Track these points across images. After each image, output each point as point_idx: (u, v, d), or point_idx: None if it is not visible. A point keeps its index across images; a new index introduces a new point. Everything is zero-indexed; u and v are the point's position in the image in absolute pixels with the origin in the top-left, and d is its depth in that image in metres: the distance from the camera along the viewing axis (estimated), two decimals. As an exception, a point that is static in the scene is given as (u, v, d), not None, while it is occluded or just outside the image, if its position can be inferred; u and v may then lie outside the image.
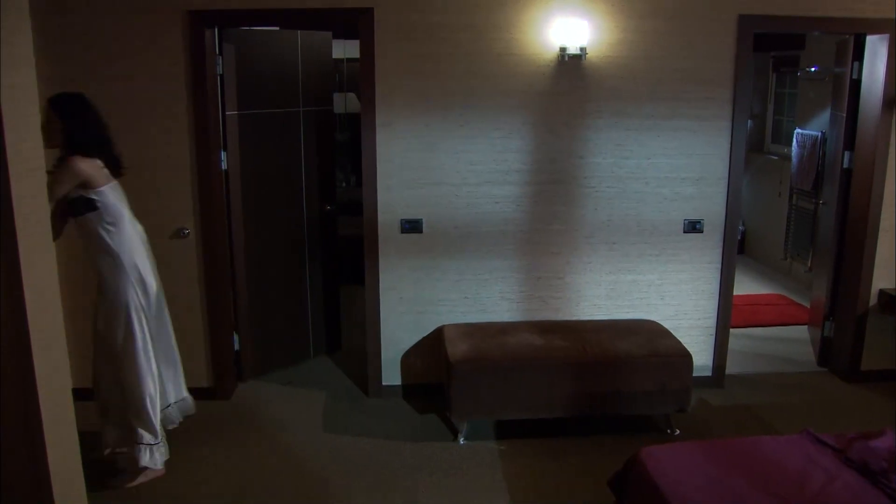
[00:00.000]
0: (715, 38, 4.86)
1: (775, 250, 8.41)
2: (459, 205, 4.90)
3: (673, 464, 3.36)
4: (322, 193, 5.69)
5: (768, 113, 9.02)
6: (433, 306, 5.04)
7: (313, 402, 5.13)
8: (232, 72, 4.94)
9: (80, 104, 3.90)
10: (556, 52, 4.74)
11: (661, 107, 4.91)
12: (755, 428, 4.79)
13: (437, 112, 4.78)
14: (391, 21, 4.67)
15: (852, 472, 3.33)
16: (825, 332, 5.77)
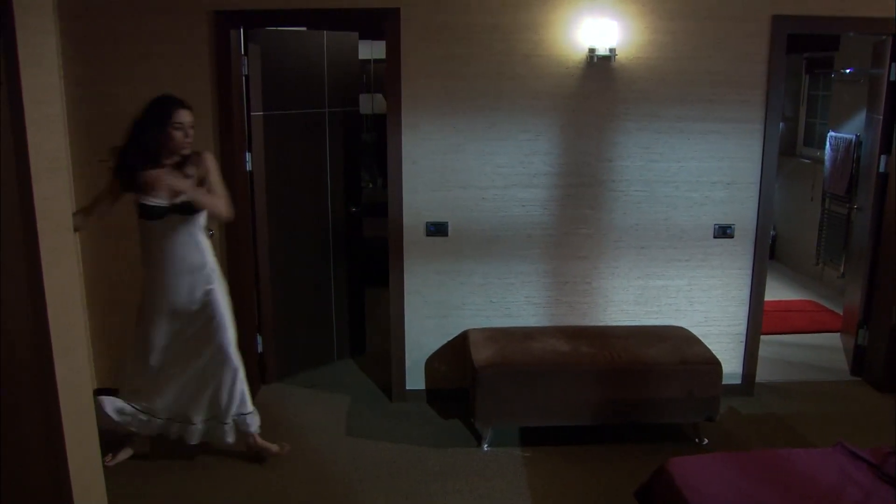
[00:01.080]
0: (747, 40, 4.77)
1: (807, 256, 8.27)
2: (486, 208, 4.85)
3: (701, 476, 3.28)
4: (347, 195, 5.65)
5: (800, 115, 8.87)
6: (458, 310, 4.99)
7: (337, 406, 5.09)
8: (257, 72, 4.92)
9: None
10: (585, 54, 4.67)
11: (691, 109, 4.82)
12: (786, 438, 4.69)
13: (464, 114, 4.73)
14: (417, 21, 4.62)
15: (889, 489, 3.23)
16: (859, 340, 5.65)
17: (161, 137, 3.87)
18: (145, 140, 3.86)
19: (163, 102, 3.89)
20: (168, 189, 3.91)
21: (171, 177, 3.93)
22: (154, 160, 3.90)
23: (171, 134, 3.88)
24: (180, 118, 3.89)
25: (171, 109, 3.87)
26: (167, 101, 3.90)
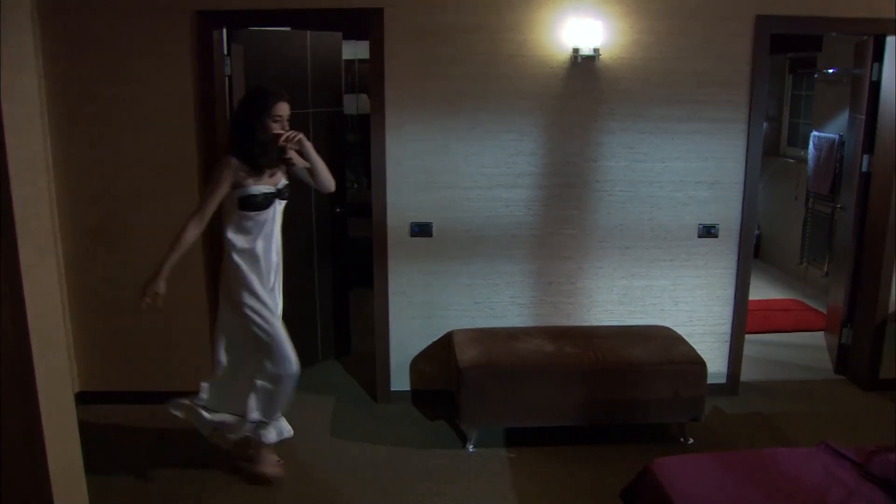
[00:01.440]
0: (731, 40, 4.78)
1: (791, 255, 8.30)
2: (470, 208, 4.83)
3: (686, 476, 3.28)
4: (332, 195, 5.61)
5: (784, 115, 8.90)
6: (443, 311, 4.98)
7: (322, 407, 5.07)
8: (240, 73, 4.88)
9: None
10: (569, 54, 4.66)
11: (675, 109, 4.82)
12: (770, 437, 4.70)
13: (448, 114, 4.72)
14: (401, 22, 4.61)
15: (873, 487, 3.23)
16: (842, 338, 5.67)
17: (262, 128, 3.82)
18: (248, 132, 3.82)
19: (262, 94, 3.86)
20: (269, 175, 3.92)
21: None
22: (264, 149, 3.85)
23: (269, 126, 3.83)
24: (279, 111, 3.84)
25: (270, 102, 3.82)
26: (266, 94, 3.85)
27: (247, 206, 3.86)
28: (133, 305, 4.82)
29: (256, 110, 3.81)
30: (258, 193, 3.85)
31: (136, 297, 3.84)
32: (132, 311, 4.82)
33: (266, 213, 3.92)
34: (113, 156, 4.72)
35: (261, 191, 3.86)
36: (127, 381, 5.01)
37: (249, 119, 3.82)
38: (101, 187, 4.76)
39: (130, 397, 5.01)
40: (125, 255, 4.83)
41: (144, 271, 4.77)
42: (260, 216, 3.90)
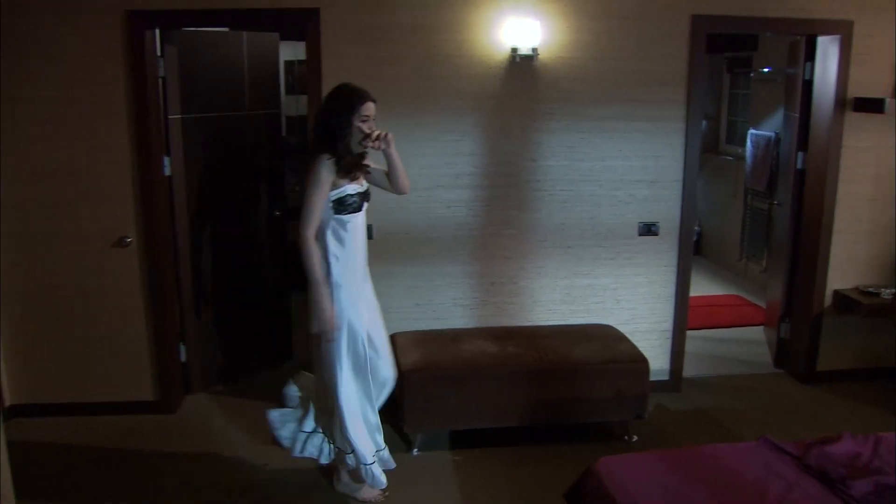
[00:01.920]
0: (668, 39, 4.81)
1: (731, 251, 8.42)
2: (411, 210, 4.79)
3: (629, 475, 3.27)
4: (271, 198, 5.54)
5: (722, 114, 9.03)
6: (385, 314, 4.83)
7: (262, 415, 4.91)
8: (174, 74, 4.78)
9: None
10: (508, 53, 4.65)
11: (614, 108, 4.84)
12: (713, 433, 4.74)
13: (387, 115, 4.63)
14: (338, 22, 4.54)
15: (811, 480, 3.27)
16: (781, 333, 5.75)
17: (349, 129, 3.67)
18: (335, 131, 3.66)
19: (349, 94, 3.70)
20: (353, 177, 3.77)
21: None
22: (348, 149, 3.71)
23: (357, 126, 3.67)
24: (367, 111, 3.69)
25: (358, 102, 3.67)
26: (353, 93, 3.70)
27: (342, 209, 3.70)
28: (66, 314, 4.74)
29: (344, 110, 3.66)
30: (353, 193, 3.72)
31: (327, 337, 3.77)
32: (66, 319, 4.74)
33: (359, 216, 3.78)
34: (44, 160, 4.56)
35: (355, 190, 3.73)
36: (61, 392, 4.85)
37: (336, 119, 3.66)
38: (32, 192, 4.60)
39: (66, 409, 4.85)
40: (58, 262, 4.68)
41: (79, 278, 4.69)
42: (354, 219, 3.76)
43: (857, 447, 3.51)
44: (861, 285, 5.38)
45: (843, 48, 5.02)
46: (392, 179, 3.94)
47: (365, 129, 3.67)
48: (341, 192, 3.68)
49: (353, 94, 3.69)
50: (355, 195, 3.71)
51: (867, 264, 5.40)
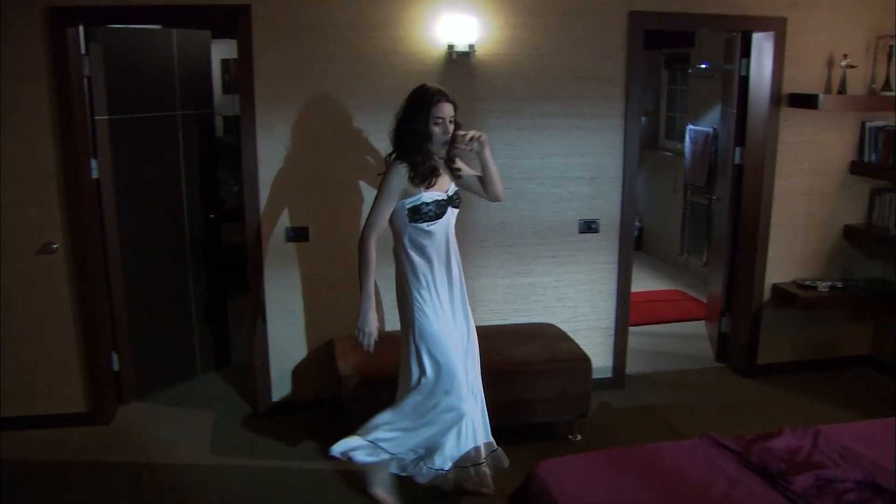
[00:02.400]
0: (606, 36, 4.80)
1: (672, 246, 8.48)
2: (348, 211, 4.69)
3: (572, 478, 3.24)
4: (205, 201, 5.39)
5: (661, 110, 9.09)
6: (323, 317, 4.81)
7: (201, 423, 4.84)
8: (100, 73, 4.61)
9: None
10: (444, 50, 4.58)
11: (553, 105, 4.81)
12: (657, 429, 4.73)
13: (323, 114, 4.56)
14: (270, 19, 4.42)
15: (753, 476, 3.27)
16: (722, 327, 5.79)
17: (424, 134, 3.55)
18: (410, 136, 3.56)
19: (422, 94, 3.56)
20: (441, 182, 3.65)
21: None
22: (426, 156, 3.59)
23: (431, 129, 3.54)
24: (440, 112, 3.53)
25: (432, 103, 3.52)
26: (427, 94, 3.55)
27: (417, 217, 3.57)
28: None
29: (418, 113, 3.53)
30: (430, 201, 3.57)
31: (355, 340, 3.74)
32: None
33: (439, 223, 3.62)
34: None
35: (433, 198, 3.58)
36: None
37: (411, 123, 3.55)
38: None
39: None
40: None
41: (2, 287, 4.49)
42: (434, 227, 3.61)
43: (798, 441, 3.53)
44: (798, 279, 5.43)
45: (777, 45, 5.06)
46: (486, 184, 3.82)
47: (438, 132, 3.54)
48: (416, 200, 3.56)
49: (426, 95, 3.55)
50: (432, 203, 3.56)
51: (804, 258, 5.46)
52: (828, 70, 5.18)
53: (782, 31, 5.04)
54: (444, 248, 3.67)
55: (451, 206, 3.66)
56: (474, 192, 3.89)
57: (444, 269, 3.69)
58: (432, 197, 3.57)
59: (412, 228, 3.60)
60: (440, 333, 3.66)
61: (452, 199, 3.68)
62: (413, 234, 3.61)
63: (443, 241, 3.66)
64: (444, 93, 3.57)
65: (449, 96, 3.57)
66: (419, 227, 3.59)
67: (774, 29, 5.03)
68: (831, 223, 5.45)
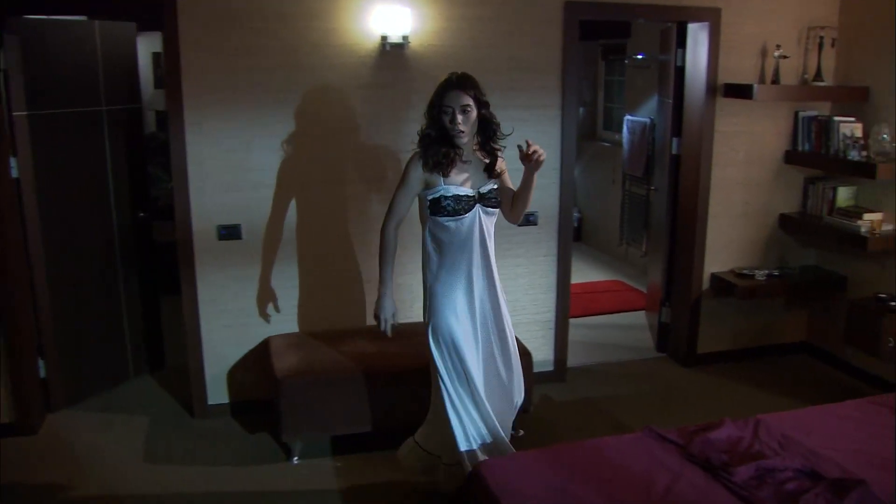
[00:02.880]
0: (542, 26, 4.75)
1: (612, 236, 8.50)
2: (282, 207, 4.56)
3: (514, 476, 3.18)
4: (134, 199, 5.21)
5: (599, 100, 9.11)
6: (259, 317, 4.69)
7: (134, 429, 4.67)
8: (17, 67, 4.39)
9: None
10: (378, 42, 4.48)
11: (490, 97, 4.65)
12: (599, 422, 4.72)
13: (254, 109, 4.43)
14: (196, 10, 4.27)
15: (695, 469, 3.25)
16: (662, 317, 5.81)
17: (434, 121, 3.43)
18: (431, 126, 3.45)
19: (442, 83, 3.43)
20: (469, 179, 3.48)
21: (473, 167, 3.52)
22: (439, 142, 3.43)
23: (440, 119, 3.40)
24: (449, 101, 3.37)
25: (442, 91, 3.39)
26: (442, 82, 3.43)
27: (437, 210, 3.44)
28: None
29: (434, 100, 3.42)
30: (449, 195, 3.42)
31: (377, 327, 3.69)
32: None
33: (463, 222, 3.46)
34: None
35: (451, 192, 3.42)
36: None
37: (428, 109, 3.46)
38: None
39: None
40: None
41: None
42: (457, 224, 3.46)
43: (738, 432, 3.53)
44: (736, 268, 5.47)
45: (712, 35, 5.07)
46: (514, 204, 3.58)
47: (446, 121, 3.39)
48: (436, 193, 3.43)
49: (442, 84, 3.43)
50: (451, 198, 3.41)
51: (741, 247, 5.50)
52: (761, 60, 5.21)
53: (717, 22, 5.05)
54: (466, 250, 3.50)
55: (483, 204, 3.50)
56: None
57: (463, 273, 3.52)
58: (455, 191, 3.43)
59: (432, 221, 3.50)
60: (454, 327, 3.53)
61: (485, 196, 3.50)
62: (433, 227, 3.52)
63: (466, 242, 3.49)
64: (462, 80, 3.41)
65: (465, 83, 3.40)
66: (438, 221, 3.47)
67: (709, 19, 5.04)
68: (767, 212, 5.50)
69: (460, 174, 3.47)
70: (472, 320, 3.55)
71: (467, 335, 3.54)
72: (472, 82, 3.42)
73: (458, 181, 3.45)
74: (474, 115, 3.42)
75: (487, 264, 3.55)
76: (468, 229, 3.47)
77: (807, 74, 5.26)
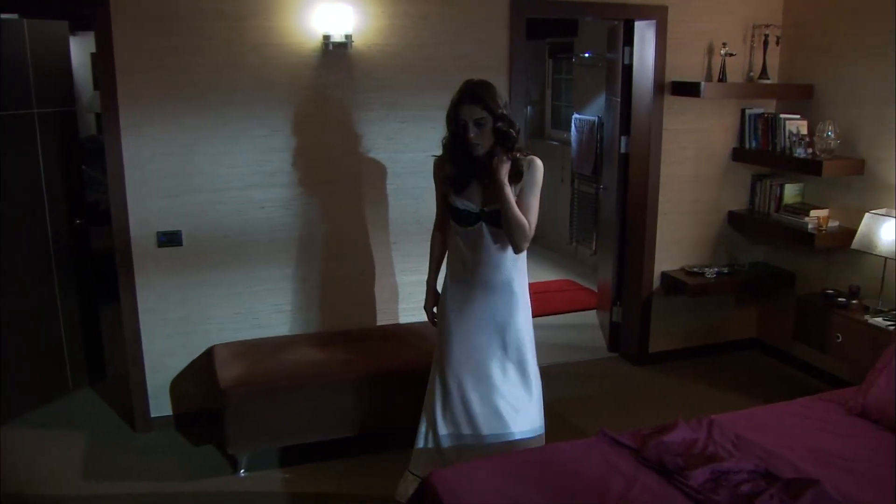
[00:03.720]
0: (488, 24, 4.68)
1: (562, 235, 8.48)
2: (223, 212, 4.43)
3: (466, 486, 3.09)
4: (70, 205, 5.02)
5: (547, 99, 9.08)
6: (201, 325, 4.54)
7: (72, 445, 4.48)
8: (-60, 69, 4.21)
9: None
10: (320, 41, 4.37)
11: (435, 96, 4.62)
12: (552, 425, 4.60)
13: (192, 111, 4.28)
14: (131, 8, 4.11)
15: (650, 473, 3.20)
16: (613, 316, 5.78)
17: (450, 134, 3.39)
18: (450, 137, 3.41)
19: (456, 94, 3.34)
20: (479, 193, 3.40)
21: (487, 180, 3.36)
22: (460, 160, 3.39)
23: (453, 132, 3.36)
24: (464, 115, 3.27)
25: (456, 104, 3.31)
26: (458, 93, 3.34)
27: (453, 216, 3.47)
28: None
29: (448, 113, 3.38)
30: (457, 207, 3.43)
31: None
32: None
33: (468, 234, 3.44)
34: None
35: (458, 205, 3.43)
36: None
37: (447, 122, 3.40)
38: None
39: None
40: None
41: None
42: (464, 233, 3.46)
43: (693, 433, 3.49)
44: (686, 266, 5.47)
45: (658, 33, 5.05)
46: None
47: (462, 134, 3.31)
48: (453, 200, 3.45)
49: (456, 95, 3.35)
50: (458, 210, 3.44)
51: (691, 245, 5.50)
52: (708, 58, 5.21)
53: (664, 20, 5.04)
54: (469, 262, 3.49)
55: (486, 221, 3.41)
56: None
57: (462, 283, 3.54)
58: (459, 204, 3.44)
59: (453, 223, 3.52)
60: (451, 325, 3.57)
61: (485, 214, 3.40)
62: (453, 228, 3.53)
63: (469, 255, 3.48)
64: (475, 92, 3.31)
65: (478, 95, 3.29)
66: (453, 225, 3.50)
67: (656, 17, 5.02)
68: (716, 209, 5.50)
69: (468, 187, 3.44)
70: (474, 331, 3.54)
71: (463, 340, 3.54)
72: (486, 92, 3.31)
73: (465, 193, 3.43)
74: (490, 126, 3.31)
75: (498, 282, 3.49)
76: (473, 245, 3.46)
77: (752, 72, 5.27)
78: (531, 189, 3.42)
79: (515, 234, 3.32)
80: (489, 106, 3.28)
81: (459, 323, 3.53)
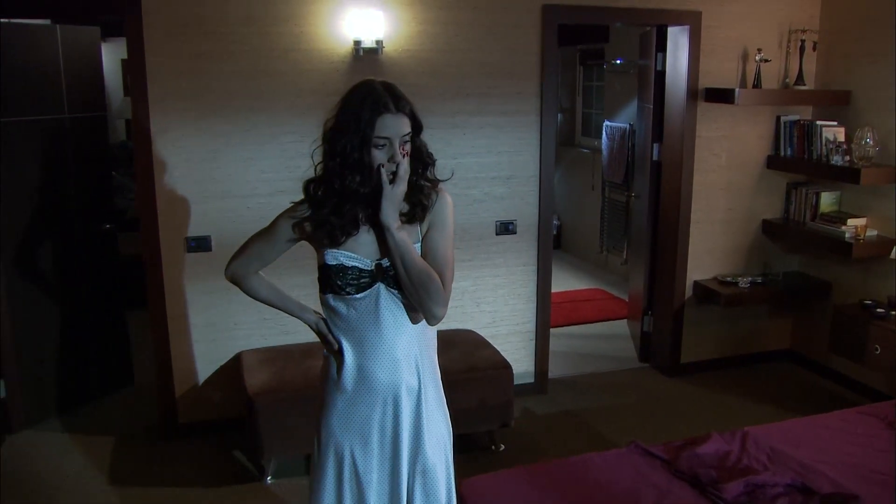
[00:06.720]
0: (519, 31, 4.64)
1: (591, 244, 8.40)
2: (251, 218, 4.39)
3: (495, 496, 3.06)
4: (99, 211, 5.04)
5: (577, 106, 9.01)
6: (229, 331, 4.53)
7: (99, 451, 4.48)
8: (-26, 74, 4.24)
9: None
10: (351, 47, 4.35)
11: (466, 103, 4.62)
12: (582, 436, 4.60)
13: (221, 116, 4.28)
14: (163, 14, 4.12)
15: (683, 485, 3.16)
16: (644, 326, 5.70)
17: (362, 160, 2.26)
18: (337, 166, 2.31)
19: (362, 100, 2.26)
20: (371, 243, 2.37)
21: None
22: (354, 199, 2.32)
23: (373, 156, 2.25)
24: (384, 129, 2.24)
25: (371, 114, 2.23)
26: (367, 100, 2.25)
27: (325, 286, 2.43)
28: None
29: (341, 126, 2.31)
30: (340, 264, 2.38)
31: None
32: None
33: (360, 303, 2.38)
34: None
35: (338, 261, 2.38)
36: None
37: (339, 143, 2.32)
38: None
39: None
40: None
41: None
42: (352, 302, 2.39)
43: (726, 445, 3.43)
44: (719, 275, 5.37)
45: (692, 39, 4.98)
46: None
47: (378, 159, 2.26)
48: (330, 257, 2.39)
49: (361, 100, 2.27)
50: (351, 268, 2.36)
51: (724, 254, 5.41)
52: (742, 64, 5.13)
53: (697, 25, 4.97)
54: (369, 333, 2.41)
55: (386, 282, 2.37)
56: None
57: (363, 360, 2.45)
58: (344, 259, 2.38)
59: (327, 295, 2.46)
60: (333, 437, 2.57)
61: (383, 271, 2.37)
62: (325, 301, 2.50)
63: (361, 335, 2.42)
64: (396, 95, 2.29)
65: (401, 100, 2.29)
66: (330, 297, 2.44)
67: (689, 23, 4.95)
68: (750, 218, 5.41)
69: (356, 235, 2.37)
70: (375, 445, 2.51)
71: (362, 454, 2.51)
72: (404, 96, 2.33)
73: (349, 244, 2.37)
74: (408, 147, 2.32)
75: (403, 359, 2.42)
76: (366, 316, 2.38)
77: (788, 78, 5.18)
78: (441, 231, 2.40)
79: (424, 296, 2.29)
80: (416, 118, 2.35)
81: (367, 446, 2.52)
